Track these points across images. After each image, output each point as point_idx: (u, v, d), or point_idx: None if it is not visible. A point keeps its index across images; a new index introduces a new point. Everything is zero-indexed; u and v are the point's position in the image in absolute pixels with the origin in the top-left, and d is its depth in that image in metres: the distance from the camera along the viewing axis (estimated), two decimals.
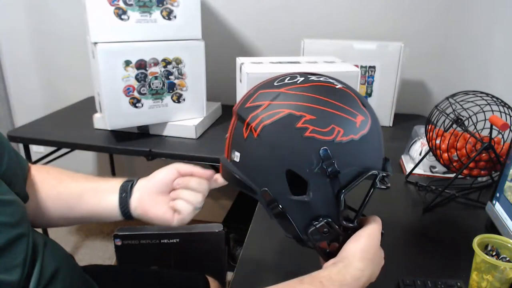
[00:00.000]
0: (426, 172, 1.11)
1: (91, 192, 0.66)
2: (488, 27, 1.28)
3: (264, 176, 0.54)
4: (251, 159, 0.54)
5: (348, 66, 1.22)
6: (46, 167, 0.70)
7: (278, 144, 0.51)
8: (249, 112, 0.53)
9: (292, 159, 0.51)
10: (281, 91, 0.53)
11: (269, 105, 0.52)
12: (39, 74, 1.99)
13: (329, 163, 0.50)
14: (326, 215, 0.54)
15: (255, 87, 0.57)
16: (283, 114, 0.51)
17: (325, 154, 0.50)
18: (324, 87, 0.53)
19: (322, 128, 0.50)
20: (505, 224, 0.76)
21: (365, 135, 0.52)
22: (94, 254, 1.90)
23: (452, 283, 0.67)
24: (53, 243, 0.64)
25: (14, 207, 0.54)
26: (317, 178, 0.51)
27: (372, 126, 0.53)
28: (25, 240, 0.53)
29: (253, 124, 0.52)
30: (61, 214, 0.66)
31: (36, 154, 1.62)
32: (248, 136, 0.53)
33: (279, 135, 0.51)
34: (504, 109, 0.89)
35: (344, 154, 0.51)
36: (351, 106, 0.52)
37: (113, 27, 1.23)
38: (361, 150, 0.52)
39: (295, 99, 0.51)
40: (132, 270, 0.91)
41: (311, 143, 0.50)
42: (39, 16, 1.86)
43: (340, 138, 0.50)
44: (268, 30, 1.69)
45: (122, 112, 1.31)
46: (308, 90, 0.52)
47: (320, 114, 0.50)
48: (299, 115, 0.50)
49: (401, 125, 1.53)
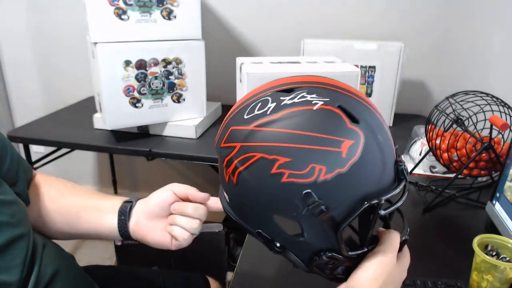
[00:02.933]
0: (426, 172, 1.11)
1: (91, 210, 0.65)
2: (488, 27, 1.28)
3: (254, 220, 0.51)
4: (237, 204, 0.51)
5: (348, 66, 1.22)
6: (50, 177, 0.70)
7: (258, 193, 0.46)
8: (224, 154, 0.48)
9: (275, 206, 0.46)
10: (249, 129, 0.46)
11: (240, 147, 0.46)
12: (39, 74, 1.99)
13: (316, 206, 0.44)
14: (328, 248, 0.49)
15: (227, 119, 0.51)
16: (255, 158, 0.45)
17: (308, 198, 0.44)
18: (299, 116, 0.45)
19: (300, 170, 0.43)
20: (505, 224, 0.76)
21: (356, 162, 0.44)
22: (94, 254, 1.90)
23: (452, 283, 0.67)
24: (53, 244, 0.64)
25: (15, 208, 0.54)
26: (307, 219, 0.46)
27: (366, 145, 0.45)
28: (25, 240, 0.53)
29: (229, 170, 0.48)
30: (59, 229, 0.66)
31: (36, 154, 1.62)
32: (229, 181, 0.49)
33: (256, 183, 0.46)
34: (504, 109, 0.89)
35: (331, 193, 0.44)
36: (334, 132, 0.44)
37: (113, 27, 1.23)
38: (353, 181, 0.45)
39: (265, 139, 0.45)
40: (132, 270, 0.91)
41: (290, 189, 0.44)
42: (39, 16, 1.86)
43: (324, 177, 0.43)
44: (268, 30, 1.69)
45: (122, 112, 1.31)
46: (280, 125, 0.44)
47: (295, 154, 0.43)
48: (272, 159, 0.44)
49: (401, 125, 1.53)
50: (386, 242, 0.50)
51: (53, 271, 0.57)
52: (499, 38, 1.21)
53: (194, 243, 0.64)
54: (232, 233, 1.66)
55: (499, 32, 1.21)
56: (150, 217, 0.63)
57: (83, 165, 2.16)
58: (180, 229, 0.61)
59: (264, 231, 0.50)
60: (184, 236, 0.61)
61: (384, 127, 0.49)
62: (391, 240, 0.51)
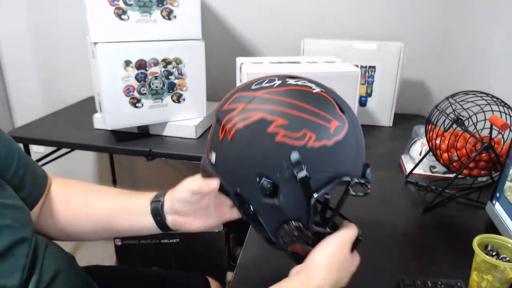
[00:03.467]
0: (426, 172, 1.11)
1: (122, 213, 0.66)
2: (488, 27, 1.28)
3: (236, 178, 0.54)
4: (225, 161, 0.55)
5: (348, 66, 1.22)
6: (70, 181, 0.70)
7: (250, 148, 0.51)
8: (225, 114, 0.53)
9: (263, 163, 0.51)
10: (256, 95, 0.53)
11: (244, 108, 0.52)
12: (39, 74, 1.99)
13: (300, 169, 0.49)
14: (297, 219, 0.54)
15: (234, 89, 0.57)
16: (255, 118, 0.51)
17: (295, 159, 0.49)
18: (300, 92, 0.53)
19: (294, 133, 0.49)
20: (505, 224, 0.76)
21: (340, 141, 0.51)
22: (94, 254, 1.90)
23: (452, 283, 0.67)
24: (54, 245, 0.64)
25: (18, 212, 0.54)
26: (288, 182, 0.51)
27: (349, 131, 0.52)
28: (27, 244, 0.53)
29: (227, 126, 0.52)
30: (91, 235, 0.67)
31: (36, 154, 1.62)
32: (223, 138, 0.53)
33: (251, 139, 0.51)
34: (504, 109, 0.89)
35: (315, 160, 0.50)
36: (326, 111, 0.51)
37: (113, 27, 1.23)
38: (334, 156, 0.51)
39: (268, 103, 0.51)
40: (132, 271, 0.91)
41: (282, 148, 0.49)
42: (39, 16, 1.86)
43: (312, 143, 0.50)
44: (268, 30, 1.69)
45: (122, 112, 1.31)
46: (283, 94, 0.52)
47: (292, 119, 0.50)
48: (271, 119, 0.50)
49: (401, 125, 1.53)
50: (345, 230, 0.56)
51: (53, 272, 0.57)
52: (499, 38, 1.21)
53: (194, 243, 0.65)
54: (232, 233, 1.66)
55: (499, 32, 1.21)
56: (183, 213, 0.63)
57: (83, 165, 2.16)
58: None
59: (242, 192, 0.54)
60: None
61: (361, 130, 0.56)
62: (350, 229, 0.57)
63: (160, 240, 1.22)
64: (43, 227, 0.65)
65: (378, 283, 0.70)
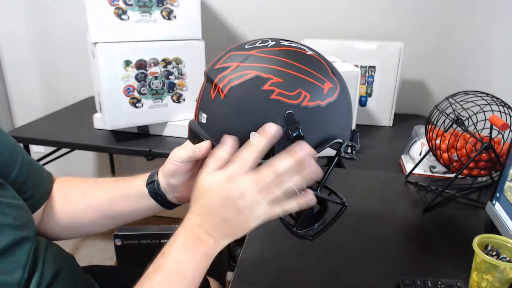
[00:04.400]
0: (426, 172, 1.11)
1: (120, 200, 0.65)
2: (488, 27, 1.28)
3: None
4: (217, 120, 0.53)
5: (348, 66, 1.22)
6: (69, 178, 0.70)
7: (244, 106, 0.50)
8: (218, 73, 0.52)
9: (257, 121, 0.50)
10: (250, 53, 0.52)
11: (238, 66, 0.51)
12: (39, 74, 1.99)
13: (294, 127, 0.49)
14: None
15: (226, 49, 0.55)
16: (250, 75, 0.50)
17: (290, 118, 0.49)
18: (294, 52, 0.52)
19: (289, 91, 0.49)
20: (505, 224, 0.76)
21: (332, 103, 0.51)
22: (94, 254, 1.90)
23: (452, 283, 0.67)
24: (55, 246, 0.64)
25: (19, 211, 0.54)
26: (281, 141, 0.50)
27: (340, 94, 0.52)
28: (29, 243, 0.53)
29: (220, 85, 0.51)
30: (97, 222, 0.66)
31: (36, 154, 1.62)
32: (215, 97, 0.52)
33: (245, 97, 0.50)
34: (504, 109, 0.89)
35: (309, 119, 0.50)
36: (320, 72, 0.52)
37: (113, 27, 1.23)
38: (327, 117, 0.52)
39: (263, 62, 0.50)
40: (133, 270, 0.91)
41: (276, 106, 0.49)
42: (39, 16, 1.86)
43: (306, 103, 0.50)
44: (268, 30, 1.69)
45: (122, 112, 1.31)
46: (278, 54, 0.51)
47: (288, 77, 0.50)
48: (266, 77, 0.49)
49: (401, 125, 1.53)
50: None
51: (54, 271, 0.58)
52: (499, 38, 1.21)
53: None
54: None
55: (499, 32, 1.21)
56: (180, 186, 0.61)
57: (83, 165, 2.16)
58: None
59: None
60: None
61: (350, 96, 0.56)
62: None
63: (160, 240, 1.22)
64: (46, 227, 0.65)
65: (378, 283, 0.70)
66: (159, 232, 1.22)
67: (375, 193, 1.01)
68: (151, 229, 1.23)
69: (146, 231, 1.22)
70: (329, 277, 0.54)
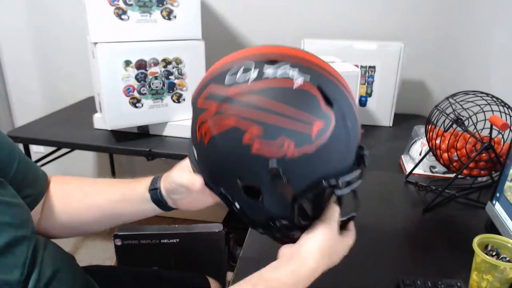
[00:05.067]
0: (426, 172, 1.11)
1: (122, 203, 0.66)
2: (489, 27, 1.28)
3: (218, 179, 0.53)
4: (204, 162, 0.53)
5: (348, 66, 1.22)
6: (66, 177, 0.71)
7: (227, 158, 0.48)
8: (199, 112, 0.49)
9: (241, 172, 0.49)
10: (229, 95, 0.47)
11: (216, 111, 0.47)
12: (39, 74, 1.99)
13: (279, 179, 0.47)
14: (283, 217, 0.52)
15: (209, 74, 0.51)
16: (229, 126, 0.46)
17: (274, 171, 0.46)
18: (278, 90, 0.46)
19: (270, 142, 0.45)
20: (505, 224, 0.76)
21: (324, 144, 0.46)
22: (94, 254, 1.90)
23: (452, 283, 0.67)
24: (54, 245, 0.64)
25: (18, 209, 0.54)
26: (268, 188, 0.49)
27: (335, 129, 0.47)
28: (27, 242, 0.53)
29: (202, 129, 0.49)
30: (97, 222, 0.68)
31: (36, 154, 1.62)
32: (200, 140, 0.50)
33: (227, 150, 0.48)
34: (504, 109, 0.89)
35: (296, 170, 0.47)
36: (308, 110, 0.46)
37: (113, 27, 1.23)
38: (318, 162, 0.47)
39: (242, 107, 0.46)
40: (132, 271, 0.91)
41: (259, 160, 0.46)
42: (39, 16, 1.86)
43: (292, 153, 0.46)
44: (268, 30, 1.69)
45: (122, 112, 1.31)
46: (258, 94, 0.46)
47: (268, 126, 0.45)
48: (245, 128, 0.45)
49: (401, 125, 1.53)
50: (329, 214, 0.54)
51: (53, 271, 0.58)
52: (499, 38, 1.21)
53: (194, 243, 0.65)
54: (232, 233, 1.66)
55: (499, 32, 1.21)
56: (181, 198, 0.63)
57: (83, 165, 2.15)
58: None
59: (226, 192, 0.53)
60: None
61: (354, 112, 0.51)
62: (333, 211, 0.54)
63: (160, 240, 1.22)
64: (45, 226, 0.65)
65: (378, 283, 0.70)
66: (159, 232, 1.22)
67: (375, 193, 1.01)
68: (151, 229, 1.23)
69: (146, 231, 1.22)
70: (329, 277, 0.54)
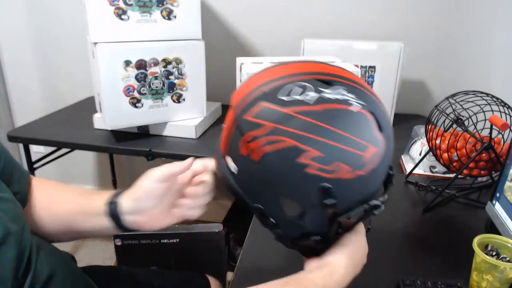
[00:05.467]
0: (426, 172, 1.11)
1: (80, 215, 0.64)
2: (488, 27, 1.28)
3: (259, 196, 0.52)
4: (247, 178, 0.51)
5: (348, 66, 1.22)
6: (43, 182, 0.69)
7: (278, 175, 0.47)
8: (249, 128, 0.47)
9: (290, 191, 0.48)
10: (288, 113, 0.46)
11: (274, 129, 0.46)
12: (39, 74, 1.99)
13: (329, 200, 0.47)
14: (318, 233, 0.53)
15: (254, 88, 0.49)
16: (287, 144, 0.45)
17: (326, 192, 0.47)
18: (338, 112, 0.46)
19: (326, 165, 0.45)
20: (505, 224, 0.76)
21: (374, 168, 0.48)
22: (94, 254, 1.90)
23: (452, 283, 0.67)
24: (49, 246, 0.63)
25: (9, 204, 0.54)
26: (313, 207, 0.49)
27: (386, 154, 0.49)
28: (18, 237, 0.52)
29: (253, 146, 0.47)
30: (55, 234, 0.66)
31: (36, 154, 1.62)
32: (247, 155, 0.48)
33: (280, 166, 0.47)
34: (504, 109, 0.89)
35: (345, 192, 0.48)
36: (364, 136, 0.47)
37: (113, 27, 1.23)
38: (366, 184, 0.49)
39: (302, 128, 0.45)
40: (132, 271, 0.91)
41: (312, 179, 0.46)
42: (39, 16, 1.86)
43: (345, 176, 0.46)
44: (268, 30, 1.69)
45: (122, 112, 1.31)
46: (319, 118, 0.45)
47: (327, 150, 0.45)
48: (304, 149, 0.45)
49: (401, 125, 1.53)
50: (359, 228, 0.57)
51: (48, 274, 0.57)
52: (499, 38, 1.21)
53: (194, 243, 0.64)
54: (232, 233, 1.66)
55: (499, 32, 1.21)
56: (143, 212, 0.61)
57: (83, 165, 2.16)
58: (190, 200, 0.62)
59: (264, 207, 0.52)
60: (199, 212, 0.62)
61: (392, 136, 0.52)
62: (361, 226, 0.57)
63: (160, 240, 1.22)
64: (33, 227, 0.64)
65: (378, 283, 0.70)
66: (159, 232, 1.22)
67: None
68: None
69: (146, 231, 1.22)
70: None
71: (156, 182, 0.59)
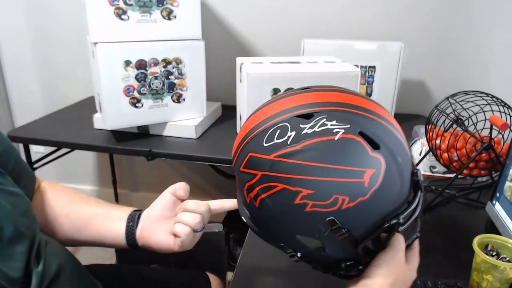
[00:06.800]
0: (426, 172, 1.11)
1: (101, 217, 0.66)
2: (488, 27, 1.28)
3: (277, 237, 0.53)
4: (260, 222, 0.53)
5: (348, 66, 1.22)
6: (59, 185, 0.72)
7: (281, 218, 0.48)
8: (244, 179, 0.49)
9: (300, 229, 0.49)
10: (271, 159, 0.46)
11: (262, 176, 0.47)
12: (39, 74, 1.99)
13: (338, 229, 0.46)
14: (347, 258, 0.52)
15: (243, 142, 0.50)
16: (278, 189, 0.46)
17: (331, 223, 0.46)
18: (320, 145, 0.44)
19: (323, 201, 0.45)
20: (505, 224, 0.76)
21: (378, 188, 0.45)
22: (94, 254, 1.90)
23: (452, 283, 0.67)
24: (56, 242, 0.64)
25: (19, 199, 0.55)
26: (329, 238, 0.48)
27: (387, 171, 0.46)
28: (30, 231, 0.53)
29: (251, 195, 0.49)
30: (66, 234, 0.67)
31: (36, 154, 1.62)
32: (250, 203, 0.50)
33: (279, 210, 0.47)
34: (504, 109, 0.89)
35: (353, 218, 0.46)
36: (357, 162, 0.45)
37: (113, 27, 1.23)
38: (374, 206, 0.47)
39: (287, 171, 0.45)
40: (134, 269, 0.91)
41: (314, 216, 0.46)
42: (39, 16, 1.86)
43: (347, 205, 0.45)
44: (268, 30, 1.69)
45: (122, 112, 1.31)
46: (301, 157, 0.44)
47: (318, 186, 0.44)
48: (295, 190, 0.45)
49: (401, 125, 1.51)
50: (394, 244, 0.53)
51: (57, 267, 0.58)
52: (499, 38, 1.21)
53: None
54: (232, 233, 1.66)
55: (499, 32, 1.21)
56: (155, 221, 0.64)
57: (83, 165, 2.16)
58: (181, 225, 0.61)
59: (285, 245, 0.53)
60: (185, 231, 0.60)
61: (402, 144, 0.50)
62: (398, 241, 0.53)
63: None
64: None
65: None
66: None
67: None
68: None
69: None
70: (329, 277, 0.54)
71: (169, 194, 0.64)
